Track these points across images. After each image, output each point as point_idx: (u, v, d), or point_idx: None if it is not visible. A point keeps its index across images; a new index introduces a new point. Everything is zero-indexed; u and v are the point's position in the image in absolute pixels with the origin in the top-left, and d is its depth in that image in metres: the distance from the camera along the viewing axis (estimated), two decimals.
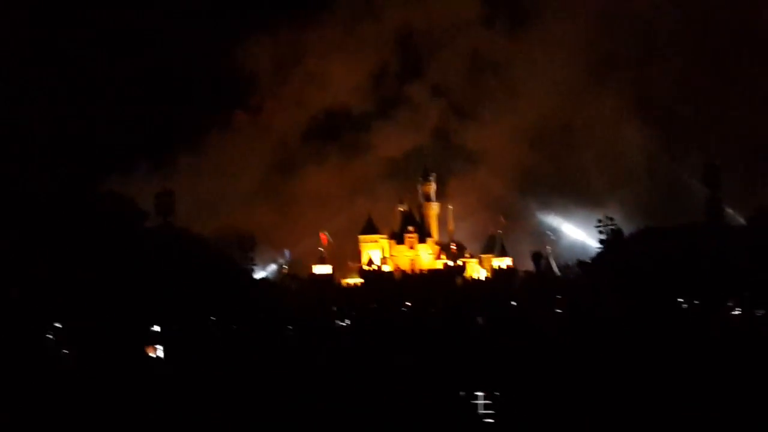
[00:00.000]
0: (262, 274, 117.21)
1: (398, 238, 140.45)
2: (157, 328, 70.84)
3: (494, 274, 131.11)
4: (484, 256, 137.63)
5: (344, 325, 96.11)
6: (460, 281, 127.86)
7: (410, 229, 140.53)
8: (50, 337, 62.64)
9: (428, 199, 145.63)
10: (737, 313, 75.43)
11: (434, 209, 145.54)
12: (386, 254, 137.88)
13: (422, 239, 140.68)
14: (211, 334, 75.52)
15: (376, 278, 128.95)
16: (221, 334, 76.30)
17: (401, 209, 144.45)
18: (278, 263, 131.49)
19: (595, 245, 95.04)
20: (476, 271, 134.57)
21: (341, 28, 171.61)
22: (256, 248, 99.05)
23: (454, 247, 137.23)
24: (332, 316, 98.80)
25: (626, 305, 70.20)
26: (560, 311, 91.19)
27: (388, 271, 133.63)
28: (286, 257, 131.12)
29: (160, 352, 68.67)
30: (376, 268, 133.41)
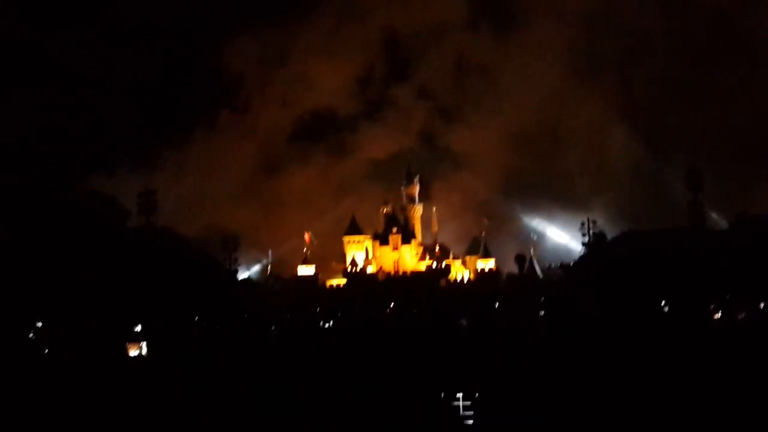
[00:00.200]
0: (245, 274, 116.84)
1: (382, 239, 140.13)
2: (138, 327, 70.61)
3: (478, 276, 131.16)
4: (468, 257, 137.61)
5: (328, 326, 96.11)
6: (443, 283, 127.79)
7: (394, 230, 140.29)
8: (32, 336, 62.40)
9: (412, 200, 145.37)
10: (718, 316, 75.82)
11: (418, 211, 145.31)
12: (370, 255, 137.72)
13: (406, 240, 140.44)
14: (193, 333, 75.30)
15: (359, 279, 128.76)
16: (203, 333, 76.07)
17: (385, 210, 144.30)
18: (262, 263, 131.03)
19: (578, 248, 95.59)
20: (460, 272, 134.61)
21: (327, 29, 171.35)
22: (239, 248, 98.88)
23: (437, 248, 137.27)
24: (316, 317, 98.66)
25: (607, 308, 70.53)
26: (543, 313, 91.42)
27: (371, 272, 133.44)
28: (269, 258, 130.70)
29: (144, 349, 68.45)
30: (359, 269, 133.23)
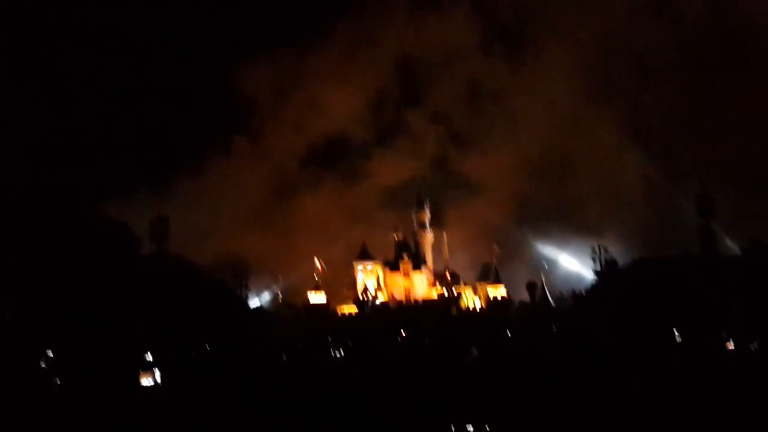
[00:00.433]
0: (256, 301, 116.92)
1: (393, 265, 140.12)
2: (149, 356, 70.56)
3: (489, 303, 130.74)
4: (479, 284, 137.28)
5: (339, 354, 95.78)
6: (454, 310, 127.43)
7: (405, 257, 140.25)
8: (42, 365, 62.37)
9: (423, 226, 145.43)
10: (730, 346, 75.17)
11: (429, 237, 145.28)
12: (381, 282, 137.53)
13: (417, 267, 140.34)
14: (204, 362, 75.21)
15: (370, 307, 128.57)
16: (214, 362, 75.96)
17: (396, 237, 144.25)
18: (273, 291, 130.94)
19: (590, 275, 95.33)
20: (471, 299, 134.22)
21: (340, 55, 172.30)
22: (251, 275, 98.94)
23: (448, 275, 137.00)
24: (327, 345, 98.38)
25: (619, 336, 70.16)
26: (554, 342, 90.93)
27: (382, 300, 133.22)
28: (280, 285, 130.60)
29: (157, 376, 68.45)
30: (370, 296, 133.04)
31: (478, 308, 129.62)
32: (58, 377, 60.29)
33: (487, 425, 37.35)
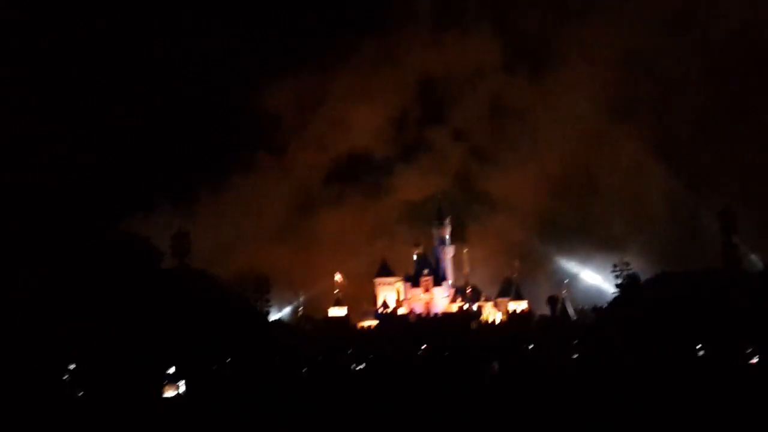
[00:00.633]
0: (277, 315, 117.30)
1: (413, 280, 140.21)
2: (172, 369, 71.01)
3: (509, 317, 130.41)
4: (499, 299, 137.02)
5: (359, 368, 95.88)
6: (475, 325, 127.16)
7: (425, 272, 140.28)
8: (66, 378, 62.93)
9: (443, 242, 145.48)
10: (754, 361, 74.42)
11: (449, 252, 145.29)
12: (401, 297, 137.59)
13: (437, 282, 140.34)
14: (225, 375, 75.58)
15: (391, 321, 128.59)
16: (234, 375, 76.29)
17: (416, 252, 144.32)
18: (294, 305, 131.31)
19: (612, 290, 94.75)
20: (491, 314, 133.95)
21: (364, 72, 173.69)
22: (272, 290, 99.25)
23: (469, 290, 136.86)
24: (347, 359, 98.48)
25: (640, 352, 69.69)
26: (575, 356, 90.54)
27: (402, 314, 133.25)
28: (301, 299, 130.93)
29: (181, 388, 68.94)
30: (391, 310, 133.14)
31: (498, 322, 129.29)
32: (80, 390, 60.87)
33: None
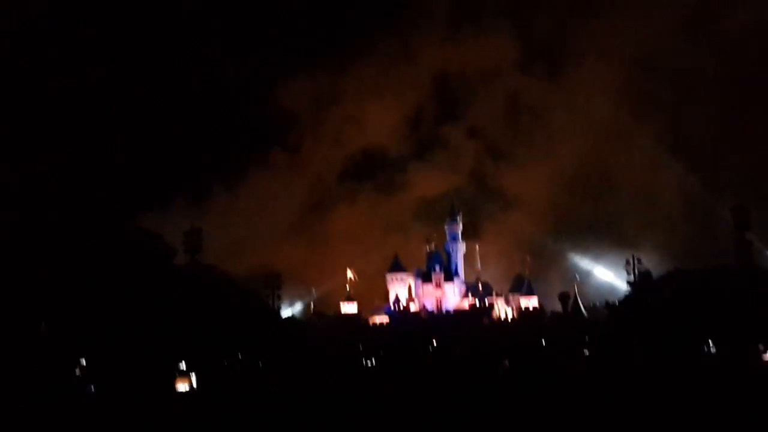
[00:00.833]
0: (289, 311, 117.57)
1: (425, 276, 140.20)
2: (183, 365, 71.35)
3: (520, 314, 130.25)
4: (511, 295, 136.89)
5: (370, 363, 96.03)
6: (486, 321, 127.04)
7: (437, 268, 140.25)
8: (77, 373, 63.30)
9: (455, 238, 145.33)
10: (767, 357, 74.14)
11: (461, 249, 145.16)
12: (413, 293, 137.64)
13: (449, 278, 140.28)
14: (236, 370, 75.83)
15: (402, 317, 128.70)
16: (246, 371, 76.54)
17: (428, 248, 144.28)
18: (306, 301, 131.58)
19: (624, 286, 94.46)
20: (503, 310, 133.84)
21: (379, 70, 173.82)
22: (284, 286, 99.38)
23: (480, 286, 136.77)
24: (358, 354, 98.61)
25: (651, 349, 69.46)
26: (586, 353, 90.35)
27: (414, 310, 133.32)
28: (313, 296, 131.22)
29: (193, 381, 69.33)
30: (402, 306, 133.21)
31: (509, 319, 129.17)
32: (92, 385, 61.20)
33: None
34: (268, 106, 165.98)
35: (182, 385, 68.19)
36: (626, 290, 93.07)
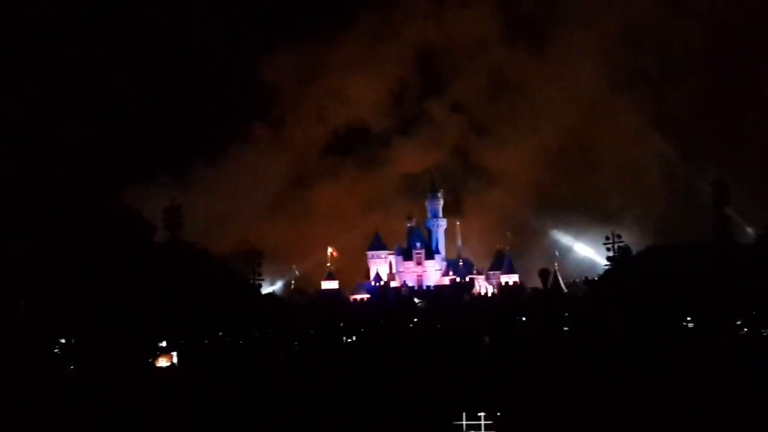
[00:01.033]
0: (269, 288, 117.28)
1: (406, 253, 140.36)
2: (164, 343, 71.16)
3: (501, 290, 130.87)
4: (491, 273, 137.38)
5: (350, 340, 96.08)
6: (467, 297, 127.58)
7: (418, 245, 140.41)
8: (57, 351, 62.92)
9: (436, 215, 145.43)
10: (744, 332, 74.81)
11: (442, 225, 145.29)
12: (394, 270, 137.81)
13: (430, 255, 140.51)
14: (216, 347, 75.67)
15: (382, 294, 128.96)
16: (226, 347, 76.39)
17: (409, 225, 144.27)
18: (286, 278, 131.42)
19: (604, 263, 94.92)
20: (483, 287, 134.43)
21: (363, 45, 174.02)
22: (266, 263, 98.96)
23: (461, 263, 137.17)
24: (339, 331, 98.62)
25: (630, 323, 69.89)
26: (566, 328, 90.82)
27: (395, 286, 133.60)
28: (294, 273, 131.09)
29: (174, 359, 69.30)
30: (382, 283, 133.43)
31: (489, 295, 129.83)
32: (71, 363, 60.87)
33: (498, 412, 37.02)
34: (250, 79, 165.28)
35: (163, 361, 68.23)
36: (606, 266, 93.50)
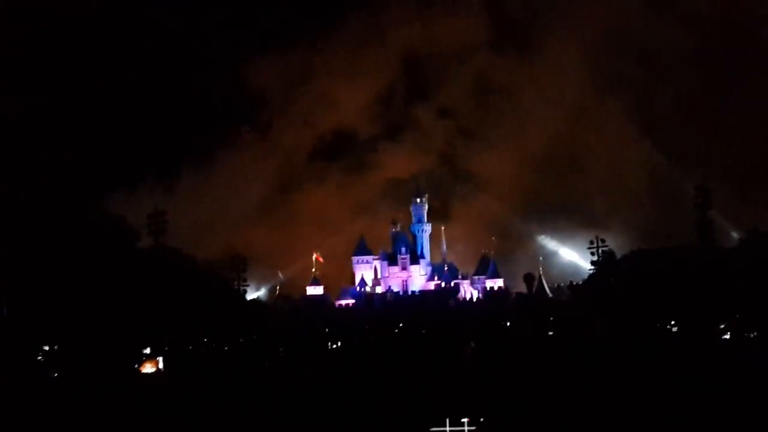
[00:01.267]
0: (255, 294, 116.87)
1: (391, 259, 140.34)
2: (148, 350, 70.85)
3: (486, 295, 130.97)
4: (476, 277, 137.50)
5: (336, 346, 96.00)
6: (452, 302, 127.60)
7: (403, 250, 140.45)
8: (40, 359, 62.45)
9: (420, 220, 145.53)
10: (727, 336, 75.26)
11: (427, 230, 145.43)
12: (379, 275, 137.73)
13: (415, 260, 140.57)
14: (201, 354, 75.48)
15: (367, 300, 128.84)
16: (211, 354, 76.20)
17: (394, 230, 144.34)
18: (272, 284, 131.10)
19: (588, 267, 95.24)
20: (468, 292, 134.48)
21: (349, 50, 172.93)
22: (251, 268, 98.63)
23: (446, 268, 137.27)
24: (324, 337, 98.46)
25: (614, 327, 70.20)
26: (551, 333, 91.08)
27: (380, 292, 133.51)
28: (279, 278, 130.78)
29: (160, 364, 69.16)
30: (368, 289, 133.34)
31: (475, 299, 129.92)
32: (54, 371, 60.44)
33: (482, 418, 37.33)
34: (236, 84, 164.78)
35: (149, 367, 68.13)
36: (590, 270, 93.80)
